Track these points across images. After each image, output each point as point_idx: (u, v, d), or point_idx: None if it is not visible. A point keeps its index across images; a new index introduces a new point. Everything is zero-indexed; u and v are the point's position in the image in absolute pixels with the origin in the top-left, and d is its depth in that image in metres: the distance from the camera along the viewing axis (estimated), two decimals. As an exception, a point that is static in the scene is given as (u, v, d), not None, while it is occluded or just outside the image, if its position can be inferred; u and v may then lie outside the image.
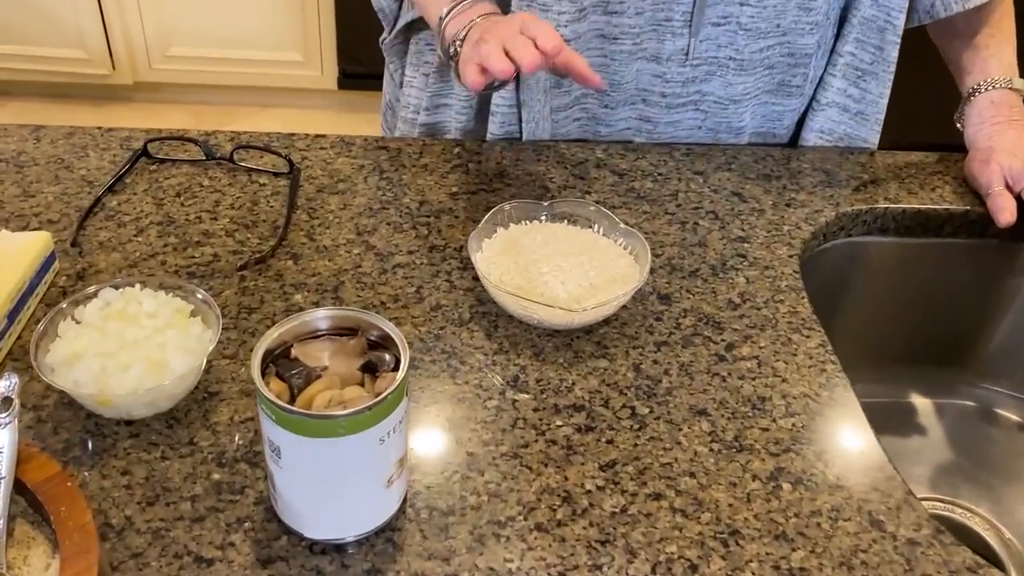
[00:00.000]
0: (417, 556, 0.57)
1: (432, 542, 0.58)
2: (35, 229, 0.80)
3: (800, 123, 1.06)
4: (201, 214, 0.84)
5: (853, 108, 1.02)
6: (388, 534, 0.58)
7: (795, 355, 0.74)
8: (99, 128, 0.94)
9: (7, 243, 0.71)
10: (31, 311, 0.71)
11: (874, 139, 1.03)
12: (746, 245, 0.86)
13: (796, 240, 0.87)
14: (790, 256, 0.85)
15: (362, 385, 0.55)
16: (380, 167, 0.93)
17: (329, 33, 2.62)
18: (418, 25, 1.02)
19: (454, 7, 0.82)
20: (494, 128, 0.99)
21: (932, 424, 1.02)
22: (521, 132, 1.01)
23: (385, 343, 0.57)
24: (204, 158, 0.90)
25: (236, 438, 0.63)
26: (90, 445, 0.62)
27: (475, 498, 0.61)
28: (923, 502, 0.63)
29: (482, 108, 1.02)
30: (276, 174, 0.90)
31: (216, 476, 0.61)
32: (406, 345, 0.55)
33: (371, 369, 0.56)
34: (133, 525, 0.57)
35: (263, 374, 0.54)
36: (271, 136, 0.95)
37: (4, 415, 0.51)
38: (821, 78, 1.02)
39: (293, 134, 0.96)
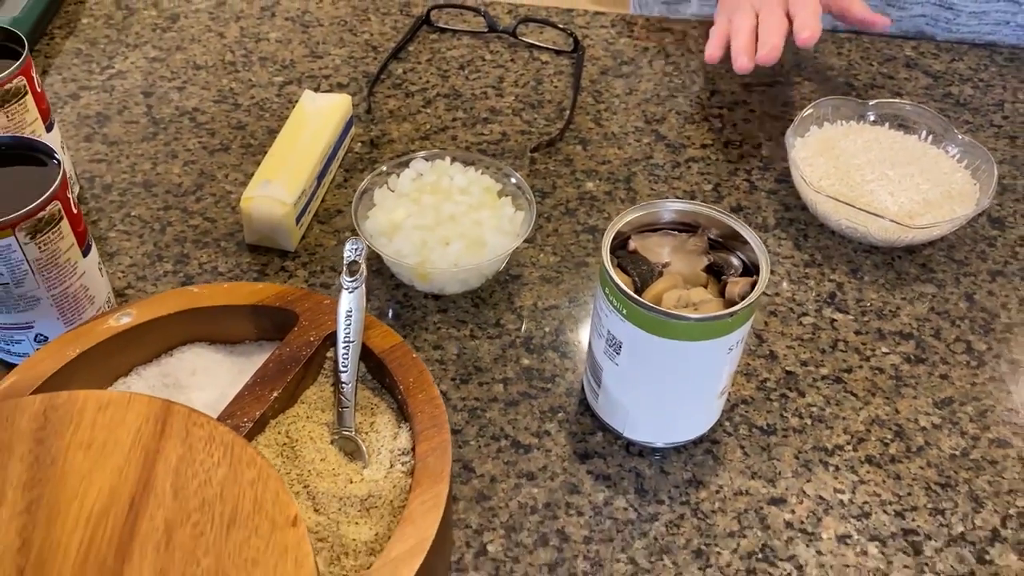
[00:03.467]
0: (740, 473, 0.54)
1: (754, 460, 0.54)
2: (327, 91, 0.80)
3: None
4: (486, 89, 0.81)
5: None
6: (707, 445, 0.55)
7: None
8: (378, -8, 0.92)
9: (313, 104, 0.71)
10: (332, 175, 0.71)
11: None
12: (1091, 170, 0.75)
13: None
14: None
15: (705, 287, 0.51)
16: (665, 51, 0.86)
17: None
18: None
19: None
20: None
21: None
22: None
23: (727, 244, 0.52)
24: (486, 30, 0.86)
25: (543, 324, 0.61)
26: (401, 316, 0.61)
27: (797, 420, 0.56)
28: None
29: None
30: (558, 52, 0.85)
31: (525, 361, 0.59)
32: (765, 248, 0.50)
33: (715, 271, 0.52)
34: (449, 401, 0.57)
35: (603, 265, 0.51)
36: (548, 11, 0.90)
37: (352, 280, 0.50)
38: None
39: (571, 10, 0.90)
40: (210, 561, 0.38)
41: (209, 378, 0.52)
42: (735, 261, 0.52)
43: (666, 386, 0.51)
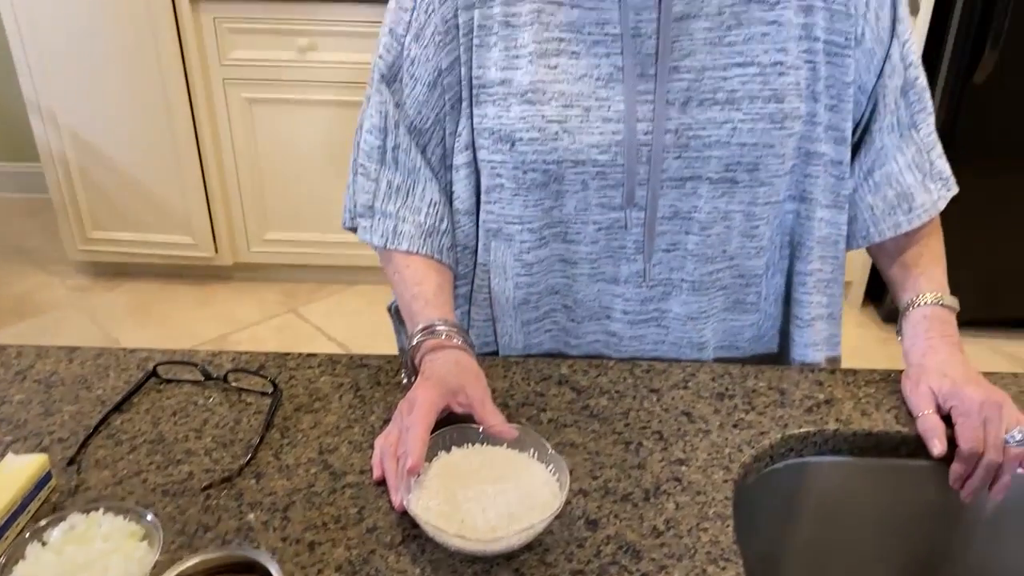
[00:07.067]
0: None
1: None
2: (47, 447, 0.93)
3: (785, 335, 1.11)
4: (188, 433, 0.95)
5: (825, 313, 1.07)
6: None
7: (708, 588, 0.76)
8: (123, 349, 1.08)
9: (7, 466, 0.83)
10: (20, 527, 0.82)
11: (839, 334, 1.09)
12: (684, 468, 0.90)
13: (735, 464, 0.90)
14: (725, 481, 0.88)
15: (249, 621, 0.62)
16: (357, 384, 1.02)
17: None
18: None
19: (424, 339, 0.93)
20: (475, 339, 1.08)
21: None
22: (497, 345, 1.09)
23: (279, 580, 0.64)
24: (203, 379, 1.02)
25: (162, 658, 0.70)
26: (36, 660, 0.70)
27: None
28: None
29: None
30: (263, 394, 1.01)
31: None
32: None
33: (260, 605, 0.63)
34: None
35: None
36: (267, 356, 1.06)
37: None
38: (791, 296, 1.07)
39: (287, 354, 1.07)
40: None
41: None
42: (274, 596, 0.63)
43: None
